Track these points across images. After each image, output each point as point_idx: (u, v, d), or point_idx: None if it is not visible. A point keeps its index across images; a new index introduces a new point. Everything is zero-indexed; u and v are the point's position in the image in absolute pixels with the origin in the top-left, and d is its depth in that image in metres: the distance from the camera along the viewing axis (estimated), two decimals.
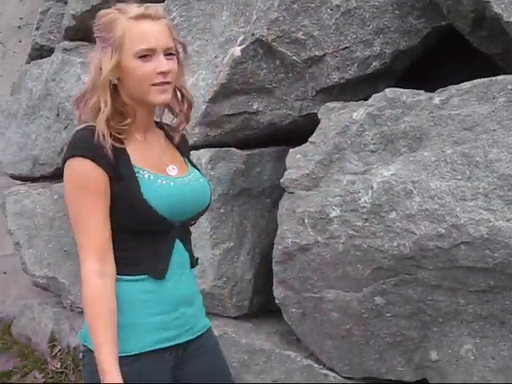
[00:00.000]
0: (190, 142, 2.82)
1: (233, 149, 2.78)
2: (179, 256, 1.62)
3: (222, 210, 2.72)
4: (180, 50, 1.61)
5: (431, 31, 2.59)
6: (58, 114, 3.70)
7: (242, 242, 2.79)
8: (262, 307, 2.93)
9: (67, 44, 3.85)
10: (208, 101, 2.71)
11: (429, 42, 2.65)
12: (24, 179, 4.24)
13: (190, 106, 1.69)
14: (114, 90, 1.56)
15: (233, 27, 2.70)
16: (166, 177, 1.58)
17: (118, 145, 1.53)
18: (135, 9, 1.53)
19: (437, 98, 2.19)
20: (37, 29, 4.23)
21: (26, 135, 4.03)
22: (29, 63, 4.24)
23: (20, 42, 4.93)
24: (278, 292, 2.55)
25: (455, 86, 2.16)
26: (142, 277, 1.56)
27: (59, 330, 4.11)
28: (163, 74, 1.52)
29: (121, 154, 1.53)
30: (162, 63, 1.52)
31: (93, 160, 1.48)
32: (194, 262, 1.69)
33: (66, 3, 4.05)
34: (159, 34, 1.53)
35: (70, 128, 3.59)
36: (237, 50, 2.63)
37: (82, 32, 3.76)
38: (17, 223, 4.00)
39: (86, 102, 1.56)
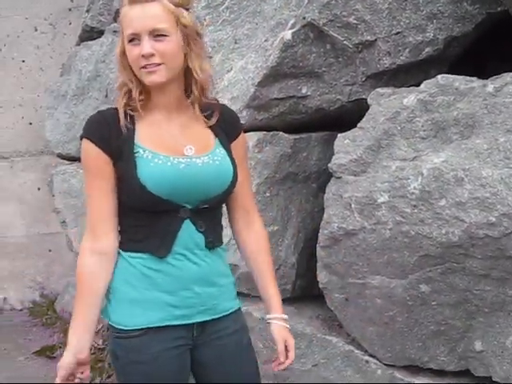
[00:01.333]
0: None
1: (280, 133, 2.78)
2: (189, 237, 1.61)
3: (267, 194, 2.73)
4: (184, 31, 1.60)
5: (486, 17, 2.55)
6: (106, 95, 3.74)
7: (287, 226, 2.80)
8: (305, 291, 2.94)
9: (117, 26, 3.87)
10: (257, 84, 2.71)
11: (483, 29, 2.61)
12: (71, 159, 4.30)
13: (203, 90, 1.66)
14: None
15: (284, 10, 2.69)
16: (165, 156, 1.58)
17: (129, 125, 1.58)
18: None
19: (490, 85, 2.15)
20: (87, 11, 4.28)
21: (75, 116, 4.08)
22: (79, 45, 4.29)
23: (70, 24, 5.00)
24: (322, 277, 2.55)
25: (510, 74, 2.13)
26: (145, 255, 1.60)
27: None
28: (144, 56, 1.54)
29: (129, 134, 1.58)
30: (144, 46, 1.53)
31: (94, 142, 1.56)
32: (211, 244, 1.65)
33: None
34: (145, 18, 1.54)
35: None
36: (287, 34, 2.62)
37: None
38: (63, 202, 4.08)
39: None
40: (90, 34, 4.25)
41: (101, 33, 4.09)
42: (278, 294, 1.81)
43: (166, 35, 1.55)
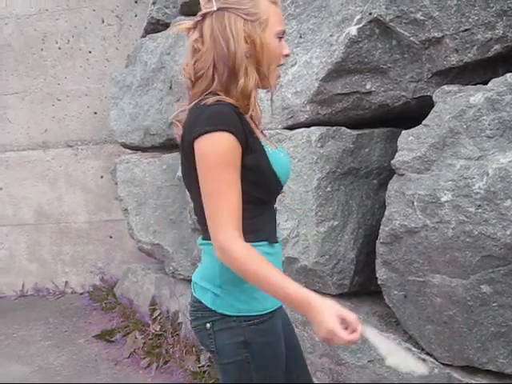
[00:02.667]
0: (301, 119, 2.87)
1: (343, 128, 2.78)
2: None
3: (328, 189, 2.74)
4: None
5: None
6: (170, 87, 3.81)
7: (347, 222, 2.80)
8: (362, 287, 2.94)
9: (183, 19, 3.92)
10: (321, 79, 2.72)
11: None
12: (135, 148, 4.41)
13: None
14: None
15: (350, 6, 2.69)
16: (279, 149, 1.68)
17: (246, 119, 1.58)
18: None
19: None
20: (153, 3, 4.35)
21: (139, 106, 4.18)
22: (144, 37, 4.37)
23: (136, 16, 5.10)
24: (381, 273, 2.55)
25: None
26: (263, 242, 1.64)
27: (160, 294, 4.28)
28: (288, 56, 1.63)
29: (250, 129, 1.57)
30: (287, 46, 1.61)
31: (234, 134, 1.50)
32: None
33: None
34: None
35: (181, 101, 3.69)
36: (353, 29, 2.62)
37: (198, 7, 3.85)
38: (126, 190, 4.18)
39: (224, 73, 1.57)
40: (156, 26, 4.32)
41: (166, 25, 4.16)
42: None
43: None
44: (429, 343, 2.51)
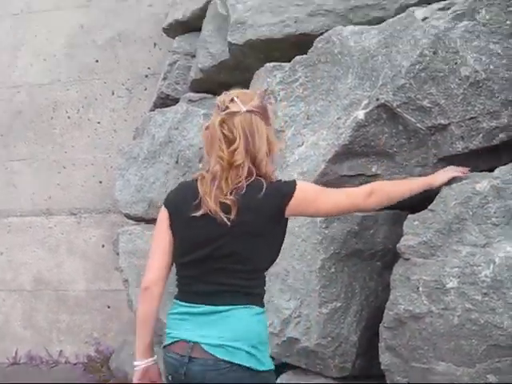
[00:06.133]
0: None
1: None
2: None
3: (332, 270, 2.73)
4: None
5: None
6: (177, 161, 3.84)
7: (350, 303, 2.78)
8: (363, 371, 2.89)
9: (192, 95, 4.03)
10: (328, 160, 2.75)
11: None
12: (138, 219, 4.40)
13: None
14: None
15: (357, 90, 2.75)
16: None
17: None
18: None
19: None
20: (164, 79, 4.45)
21: (145, 178, 4.20)
22: (153, 110, 4.44)
23: (145, 89, 5.20)
24: (385, 358, 2.51)
25: None
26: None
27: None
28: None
29: None
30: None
31: None
32: None
33: (193, 57, 4.26)
34: None
35: (187, 175, 3.73)
36: (360, 114, 2.67)
37: (207, 84, 3.95)
38: (128, 261, 4.14)
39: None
40: (165, 100, 4.41)
41: (175, 100, 4.25)
42: None
43: None
44: None
